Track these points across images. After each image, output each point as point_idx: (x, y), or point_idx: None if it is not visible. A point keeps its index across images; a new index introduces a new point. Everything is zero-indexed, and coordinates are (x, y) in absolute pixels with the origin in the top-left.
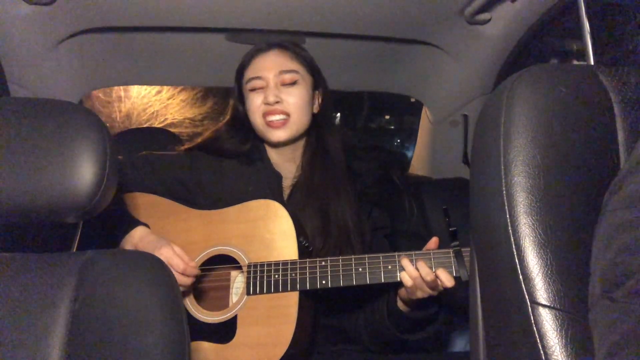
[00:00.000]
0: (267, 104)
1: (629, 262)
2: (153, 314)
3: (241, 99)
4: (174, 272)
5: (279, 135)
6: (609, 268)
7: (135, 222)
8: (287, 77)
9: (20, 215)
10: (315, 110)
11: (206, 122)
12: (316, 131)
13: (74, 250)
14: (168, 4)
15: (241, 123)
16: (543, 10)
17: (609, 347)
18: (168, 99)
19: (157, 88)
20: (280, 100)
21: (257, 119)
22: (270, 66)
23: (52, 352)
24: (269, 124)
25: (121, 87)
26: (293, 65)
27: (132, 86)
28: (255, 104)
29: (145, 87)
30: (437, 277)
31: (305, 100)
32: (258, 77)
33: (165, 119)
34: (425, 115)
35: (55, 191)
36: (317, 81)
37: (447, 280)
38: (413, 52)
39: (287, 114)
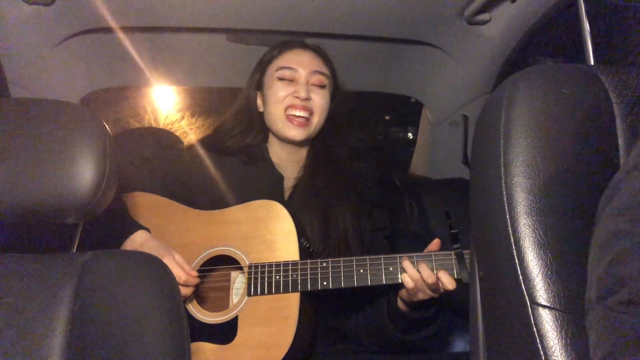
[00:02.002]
0: (296, 97)
1: (621, 271)
2: (153, 314)
3: (259, 86)
4: None
5: (296, 133)
6: (604, 276)
7: (137, 226)
8: (319, 78)
9: (21, 216)
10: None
11: None
12: (323, 136)
13: (74, 250)
14: (168, 4)
15: (248, 113)
16: (543, 10)
17: (602, 355)
18: (187, 125)
19: (179, 116)
20: (309, 98)
21: (277, 110)
22: (306, 62)
23: (52, 352)
24: (290, 119)
25: (151, 116)
26: (325, 69)
27: (160, 114)
28: (281, 94)
29: (168, 116)
30: (438, 279)
31: (327, 106)
32: (291, 68)
33: (185, 139)
34: (425, 116)
35: (55, 191)
36: (335, 91)
37: (448, 282)
38: (413, 53)
39: (311, 113)
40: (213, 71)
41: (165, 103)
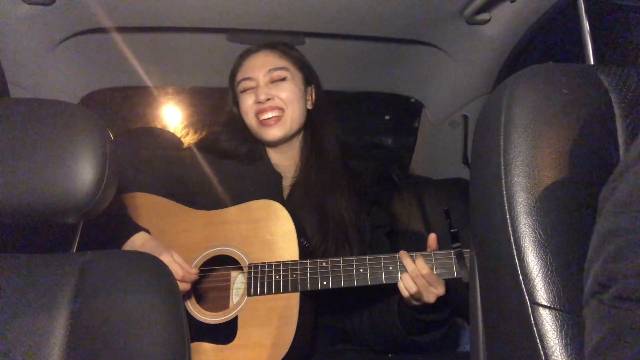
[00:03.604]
0: (258, 102)
1: (615, 268)
2: (153, 314)
3: (235, 102)
4: None
5: (273, 133)
6: (600, 271)
7: (136, 228)
8: (276, 74)
9: (21, 216)
10: (310, 107)
11: None
12: (311, 128)
13: (74, 250)
14: (168, 4)
15: (237, 125)
16: (543, 10)
17: (594, 345)
18: (191, 139)
19: (184, 132)
20: (271, 97)
21: (250, 120)
22: (259, 65)
23: (52, 352)
24: (263, 123)
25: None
26: (281, 62)
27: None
28: (247, 104)
29: (174, 131)
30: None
31: (297, 95)
32: (248, 78)
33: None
34: (425, 116)
35: (55, 191)
36: (309, 77)
37: (421, 265)
38: (413, 52)
39: (281, 109)
40: (213, 71)
41: (169, 110)
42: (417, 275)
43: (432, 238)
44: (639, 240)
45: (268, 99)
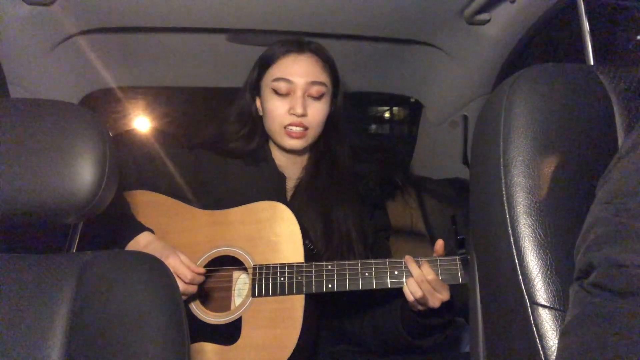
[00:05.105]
0: (293, 114)
1: (594, 257)
2: (152, 315)
3: (258, 93)
4: (180, 281)
5: (294, 144)
6: (582, 258)
7: (141, 228)
8: (316, 89)
9: (20, 216)
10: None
11: None
12: (325, 137)
13: (74, 251)
14: (168, 5)
15: (248, 117)
16: (543, 11)
17: (566, 323)
18: (192, 139)
19: (184, 132)
20: (306, 114)
21: (275, 126)
22: (302, 72)
23: (51, 353)
24: (288, 132)
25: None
26: (323, 76)
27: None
28: (279, 110)
29: (173, 131)
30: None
31: (325, 116)
32: (287, 80)
33: None
34: (425, 116)
35: (55, 192)
36: (336, 92)
37: (427, 271)
38: (413, 53)
39: (307, 128)
40: (213, 71)
41: (168, 111)
42: (422, 281)
43: (440, 245)
44: (615, 231)
45: (303, 115)
